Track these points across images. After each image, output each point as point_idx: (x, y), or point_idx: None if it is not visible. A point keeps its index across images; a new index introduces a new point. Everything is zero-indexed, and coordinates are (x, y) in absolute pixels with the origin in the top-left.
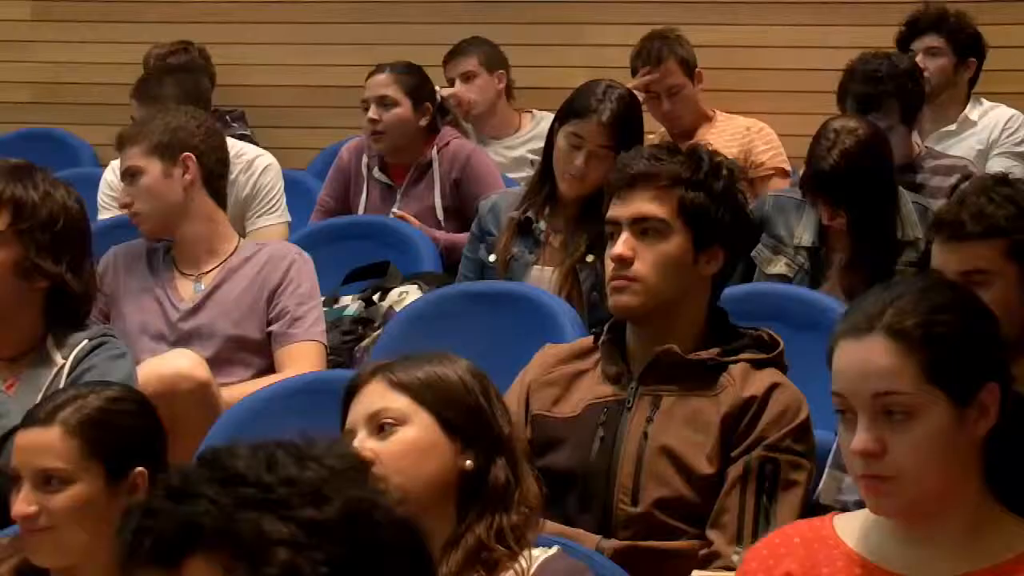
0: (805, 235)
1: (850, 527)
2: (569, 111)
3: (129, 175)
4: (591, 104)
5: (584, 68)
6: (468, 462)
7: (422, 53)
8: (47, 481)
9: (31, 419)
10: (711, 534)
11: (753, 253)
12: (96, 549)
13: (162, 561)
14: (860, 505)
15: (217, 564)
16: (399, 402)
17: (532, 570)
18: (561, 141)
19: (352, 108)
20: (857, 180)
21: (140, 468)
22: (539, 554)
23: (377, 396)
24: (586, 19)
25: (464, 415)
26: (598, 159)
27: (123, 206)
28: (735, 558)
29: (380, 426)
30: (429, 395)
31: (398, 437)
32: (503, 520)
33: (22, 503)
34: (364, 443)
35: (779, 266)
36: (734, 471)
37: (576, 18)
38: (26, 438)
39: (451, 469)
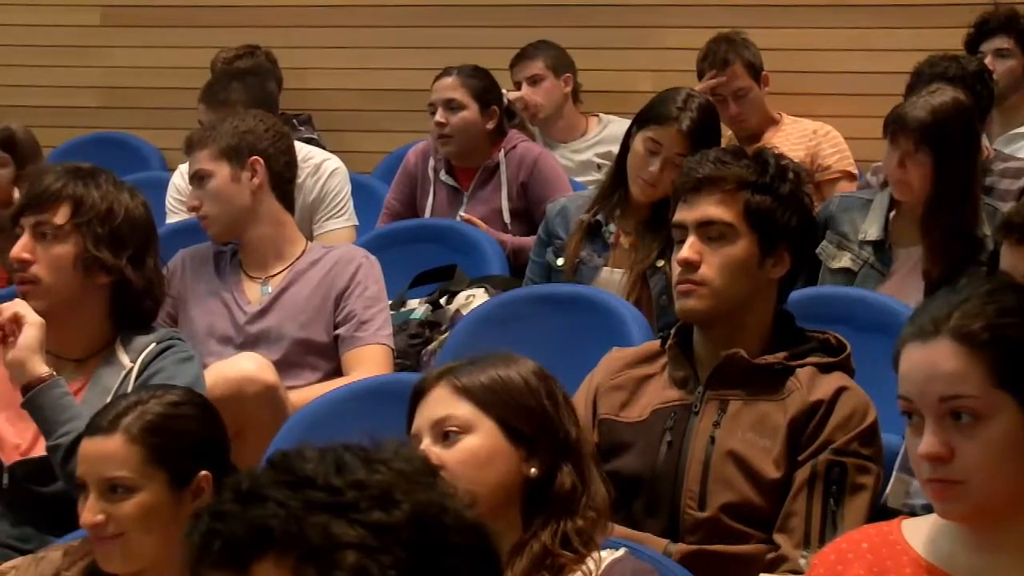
0: (871, 229)
1: (918, 532)
2: (649, 116)
3: (197, 178)
4: (672, 111)
5: (649, 72)
6: (533, 470)
7: (489, 56)
8: (112, 489)
9: (94, 427)
10: (778, 538)
11: (818, 250)
12: (164, 554)
13: (231, 564)
14: (928, 509)
15: (286, 567)
16: (463, 409)
17: (599, 572)
18: (638, 145)
19: (419, 111)
20: (945, 124)
21: (204, 472)
22: (606, 556)
23: (442, 403)
24: (652, 23)
25: (529, 422)
26: (673, 167)
27: (191, 209)
28: (802, 562)
29: (445, 433)
30: (494, 402)
31: (462, 445)
32: (568, 525)
33: (89, 512)
34: (429, 450)
35: (844, 261)
36: (801, 475)
37: (642, 21)
38: (90, 447)
39: (515, 476)
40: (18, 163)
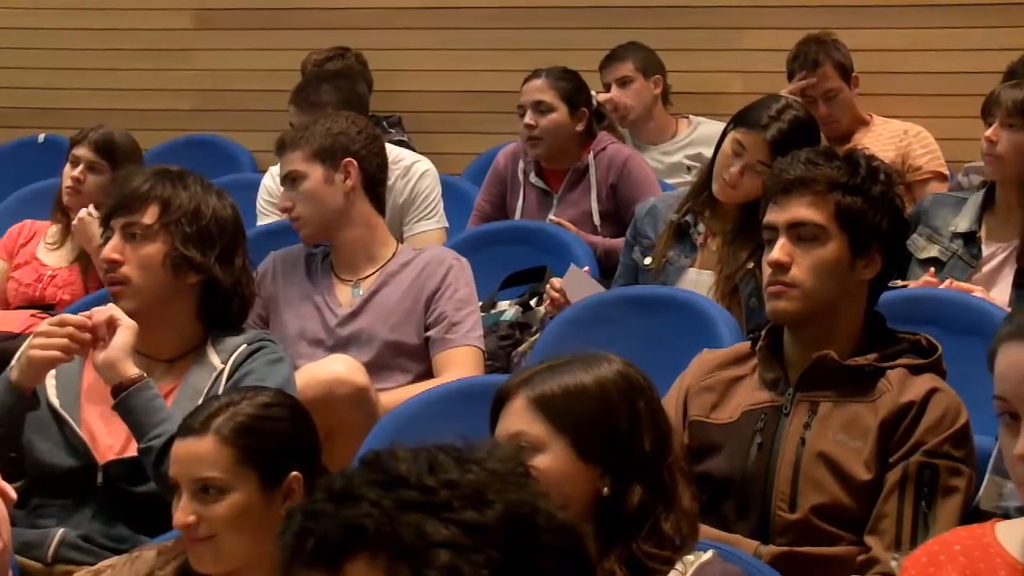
0: (962, 223)
1: (1013, 535)
2: (741, 118)
3: (290, 179)
4: (762, 119)
5: (739, 73)
6: (605, 488)
7: (578, 58)
8: (205, 490)
9: (186, 428)
10: (869, 540)
11: (908, 241)
12: (256, 555)
13: (324, 562)
14: (1022, 512)
15: (378, 566)
16: (536, 428)
17: (689, 574)
18: (726, 145)
19: (508, 113)
20: None
21: (295, 473)
22: (694, 559)
23: (517, 416)
24: (741, 24)
25: (602, 440)
26: (754, 173)
27: (283, 210)
28: (893, 564)
29: (519, 448)
30: (567, 420)
31: (534, 463)
32: (635, 547)
33: (181, 513)
34: None
35: (932, 252)
36: (892, 477)
37: (731, 23)
38: (182, 448)
39: (587, 494)
40: (117, 168)
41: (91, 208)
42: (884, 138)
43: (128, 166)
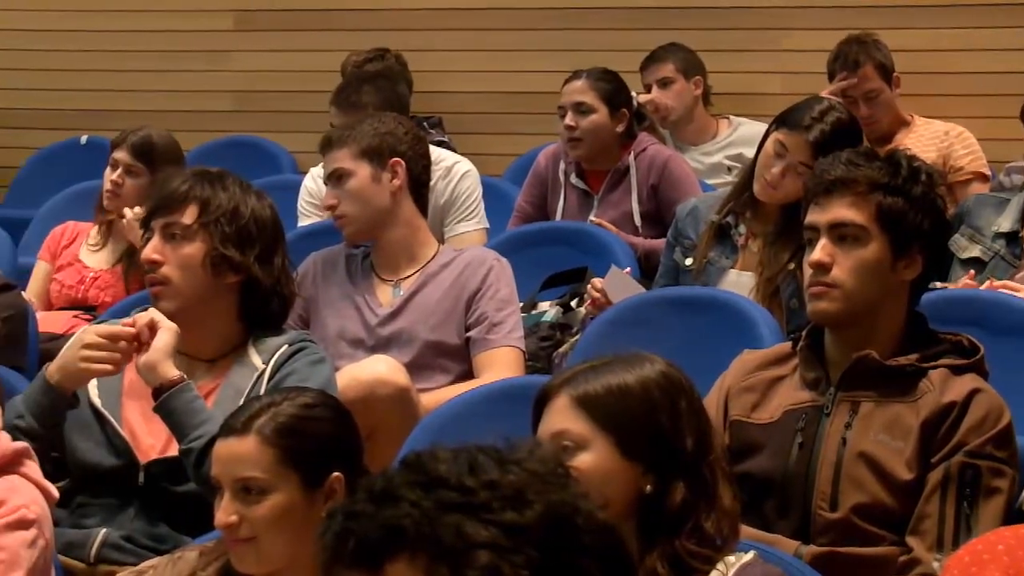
0: (1005, 222)
1: None
2: (784, 119)
3: (336, 177)
4: (805, 119)
5: (779, 74)
6: (648, 486)
7: (618, 59)
8: (246, 490)
9: (228, 428)
10: (911, 541)
11: (950, 242)
12: (297, 555)
13: (364, 563)
14: None
15: (419, 566)
16: (579, 425)
17: (730, 575)
18: (768, 145)
19: (549, 114)
20: None
21: (337, 474)
22: (735, 560)
23: (559, 415)
24: (782, 25)
25: (645, 438)
26: (795, 174)
27: (327, 207)
28: (935, 565)
29: (562, 447)
30: (610, 418)
31: (577, 462)
32: (678, 545)
33: (223, 512)
34: None
35: (974, 252)
36: (934, 477)
37: (772, 24)
38: (224, 448)
39: (630, 492)
40: (155, 171)
41: (137, 208)
42: (925, 139)
43: (167, 168)
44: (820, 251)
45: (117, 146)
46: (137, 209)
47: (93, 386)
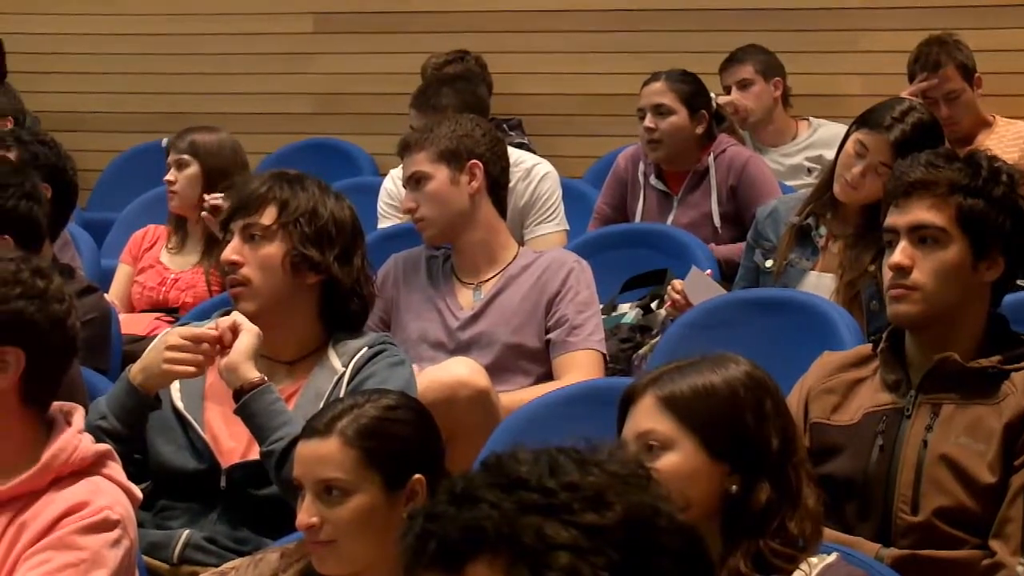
0: None
1: None
2: (865, 119)
3: (414, 180)
4: (886, 119)
5: (859, 75)
6: (734, 486)
7: (697, 61)
8: (328, 491)
9: (310, 430)
10: (994, 544)
11: None
12: (379, 557)
13: (445, 564)
14: None
15: (499, 568)
16: (665, 425)
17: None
18: (849, 146)
19: (628, 116)
20: None
21: (418, 476)
22: (818, 561)
23: (646, 414)
24: (861, 25)
25: (731, 438)
26: (876, 175)
27: (407, 211)
28: (1020, 569)
29: (648, 446)
30: (696, 418)
31: (663, 461)
32: (762, 544)
33: (304, 514)
34: None
35: None
36: (1017, 481)
37: (851, 25)
38: (306, 449)
39: (715, 492)
40: (199, 152)
41: (216, 195)
42: (1007, 139)
43: (208, 155)
44: (900, 253)
45: (168, 150)
46: (216, 196)
47: (175, 388)
